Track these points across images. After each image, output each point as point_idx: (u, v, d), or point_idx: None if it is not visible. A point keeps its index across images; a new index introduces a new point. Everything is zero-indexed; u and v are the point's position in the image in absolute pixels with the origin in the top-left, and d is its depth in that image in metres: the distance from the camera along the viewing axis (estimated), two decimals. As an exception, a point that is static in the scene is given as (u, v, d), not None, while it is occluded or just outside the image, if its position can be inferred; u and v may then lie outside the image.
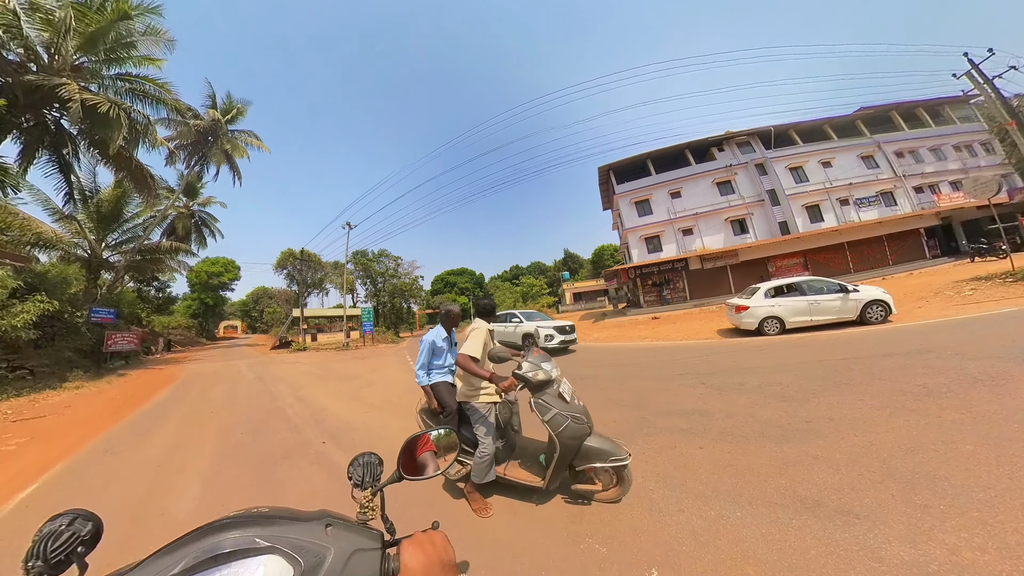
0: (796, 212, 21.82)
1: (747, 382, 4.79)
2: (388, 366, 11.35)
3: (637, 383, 5.71)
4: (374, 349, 20.07)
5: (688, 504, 2.19)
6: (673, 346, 9.56)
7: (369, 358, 14.24)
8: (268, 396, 7.32)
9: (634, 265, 23.85)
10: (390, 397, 6.29)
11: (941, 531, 1.71)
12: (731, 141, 23.93)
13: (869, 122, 23.84)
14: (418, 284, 46.19)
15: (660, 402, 4.41)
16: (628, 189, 25.03)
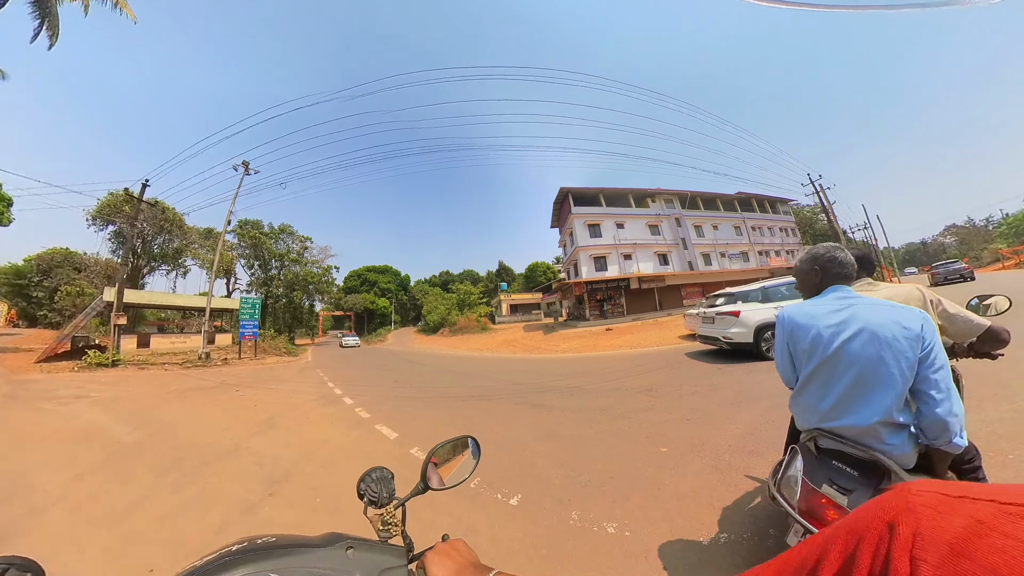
0: (697, 257, 28.04)
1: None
2: (311, 419, 5.23)
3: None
4: (258, 368, 11.97)
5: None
6: (665, 350, 9.61)
7: (253, 389, 7.77)
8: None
9: (587, 280, 24.97)
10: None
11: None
12: (660, 197, 29.24)
13: (742, 203, 32.54)
14: (330, 276, 35.24)
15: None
16: (584, 212, 26.79)
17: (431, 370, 10.60)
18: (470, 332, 28.40)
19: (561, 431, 3.78)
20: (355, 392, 7.36)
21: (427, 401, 6.41)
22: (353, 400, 6.57)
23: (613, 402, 4.75)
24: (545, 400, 5.48)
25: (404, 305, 59.76)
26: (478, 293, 39.39)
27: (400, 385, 8.19)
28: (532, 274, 54.43)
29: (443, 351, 17.80)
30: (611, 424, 3.76)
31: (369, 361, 14.31)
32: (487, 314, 36.27)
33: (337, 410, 5.84)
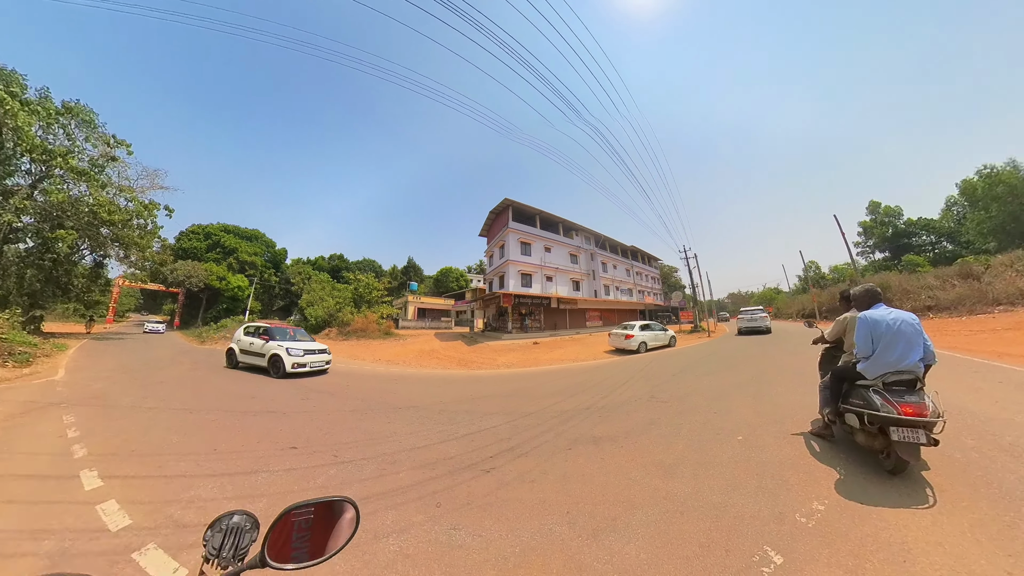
0: (601, 287, 31.43)
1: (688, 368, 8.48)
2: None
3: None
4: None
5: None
6: (606, 363, 11.28)
7: None
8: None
9: (515, 293, 25.14)
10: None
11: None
12: (582, 232, 31.74)
13: (632, 253, 38.73)
14: (151, 221, 19.87)
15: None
16: (520, 228, 26.01)
17: (356, 405, 5.60)
18: (370, 336, 22.43)
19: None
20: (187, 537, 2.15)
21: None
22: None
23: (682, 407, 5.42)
24: (609, 432, 4.13)
25: (270, 289, 42.73)
26: (382, 289, 33.45)
27: (328, 469, 3.21)
28: (444, 279, 49.57)
29: (343, 363, 12.22)
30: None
31: (209, 382, 7.60)
32: (392, 315, 29.91)
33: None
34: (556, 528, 2.14)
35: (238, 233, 42.90)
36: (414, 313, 36.77)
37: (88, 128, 17.62)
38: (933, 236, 36.07)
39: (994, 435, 3.17)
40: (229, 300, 35.10)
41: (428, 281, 52.27)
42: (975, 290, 14.51)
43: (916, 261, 31.52)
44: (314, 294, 29.89)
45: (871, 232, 39.80)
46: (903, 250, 36.46)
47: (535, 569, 1.78)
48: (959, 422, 3.45)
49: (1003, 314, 11.87)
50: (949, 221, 34.10)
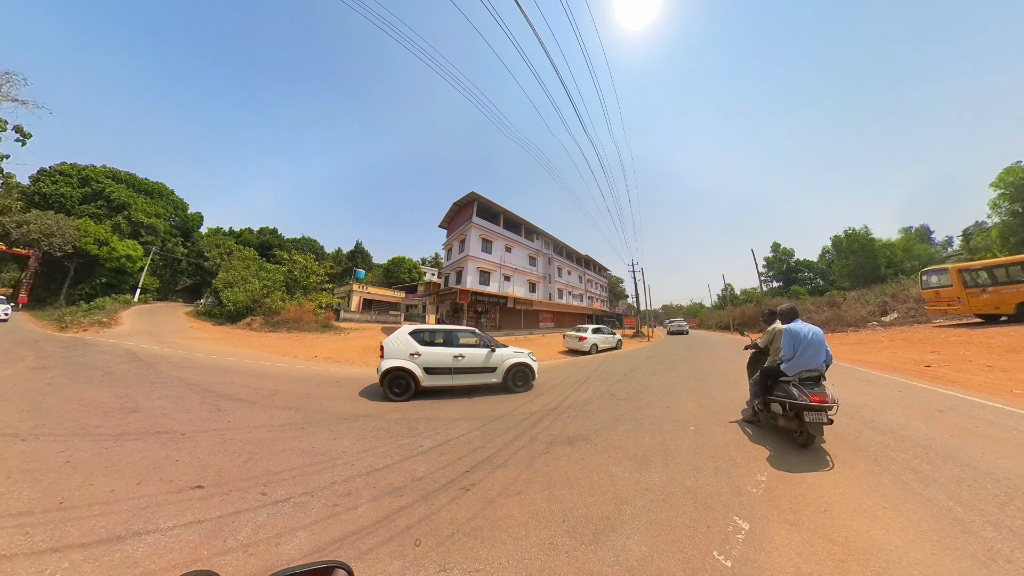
0: (555, 291, 32.35)
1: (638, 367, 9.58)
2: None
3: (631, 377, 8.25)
4: None
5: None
6: (562, 363, 11.42)
7: None
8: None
9: (472, 290, 24.35)
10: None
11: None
12: (542, 236, 32.46)
13: (586, 261, 40.87)
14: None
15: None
16: (483, 225, 25.31)
17: (289, 418, 4.39)
18: (304, 329, 19.06)
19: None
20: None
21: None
22: None
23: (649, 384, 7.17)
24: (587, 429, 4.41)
25: (174, 263, 34.07)
26: (322, 274, 29.39)
27: (255, 515, 2.27)
28: (395, 268, 46.34)
29: (269, 361, 10.23)
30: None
31: (63, 388, 5.75)
32: (331, 306, 26.19)
33: None
34: (557, 540, 2.09)
35: (134, 184, 32.01)
36: (359, 304, 33.50)
37: None
38: (812, 273, 46.92)
39: (861, 416, 4.26)
40: (112, 273, 26.00)
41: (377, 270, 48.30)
42: (836, 315, 19.09)
43: (799, 291, 40.69)
44: (235, 273, 25.16)
45: (772, 265, 50.40)
46: (792, 281, 47.06)
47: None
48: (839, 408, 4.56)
49: (853, 332, 15.48)
50: (823, 264, 44.43)
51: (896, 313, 17.41)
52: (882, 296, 19.67)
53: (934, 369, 6.79)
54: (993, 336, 8.92)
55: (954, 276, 12.09)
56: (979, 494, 2.47)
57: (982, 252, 25.18)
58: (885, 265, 30.49)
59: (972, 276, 11.95)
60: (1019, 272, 11.31)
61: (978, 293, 11.70)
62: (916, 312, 16.01)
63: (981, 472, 2.77)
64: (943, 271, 12.78)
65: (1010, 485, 2.56)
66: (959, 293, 11.95)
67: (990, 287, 11.59)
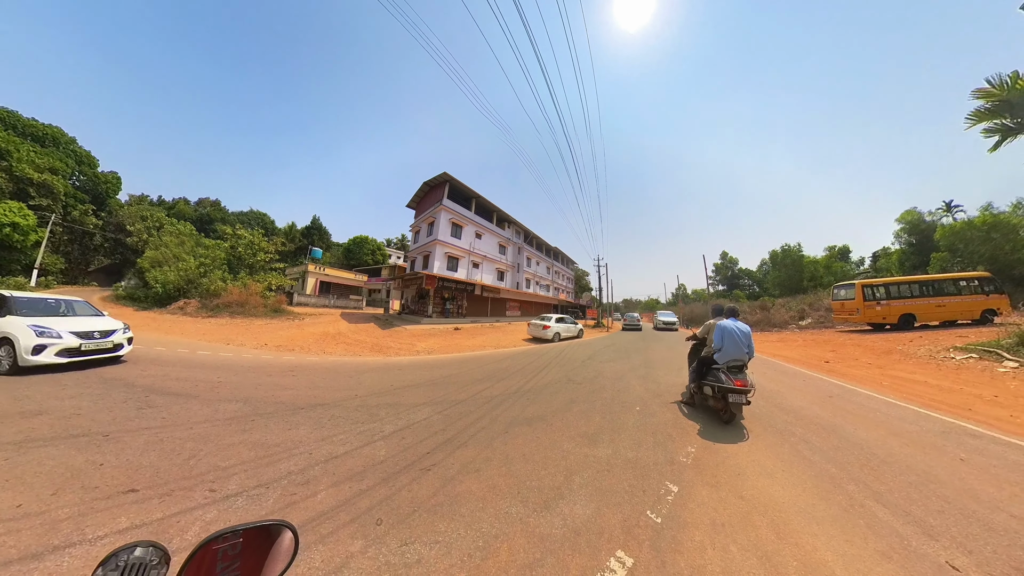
0: (523, 280, 32.73)
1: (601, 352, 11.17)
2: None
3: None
4: None
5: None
6: (525, 350, 11.87)
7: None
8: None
9: (439, 275, 24.81)
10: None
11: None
12: (514, 225, 32.45)
13: (554, 253, 41.63)
14: None
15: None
16: (453, 208, 24.50)
17: (236, 410, 3.98)
18: (251, 314, 17.24)
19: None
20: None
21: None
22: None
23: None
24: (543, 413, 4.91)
25: (84, 238, 27.81)
26: (271, 251, 26.46)
27: (204, 513, 2.07)
28: (356, 249, 43.45)
29: (209, 351, 9.36)
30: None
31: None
32: (282, 288, 24.09)
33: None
34: (512, 509, 2.28)
35: (15, 126, 24.06)
36: (315, 287, 31.40)
37: None
38: (750, 280, 54.44)
39: (772, 399, 5.25)
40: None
41: (337, 250, 44.89)
42: (766, 317, 22.74)
43: (739, 295, 48.09)
44: (166, 250, 22.08)
45: (720, 271, 57.48)
46: (734, 286, 54.69)
47: (503, 554, 1.87)
48: (756, 392, 5.39)
49: (776, 332, 18.84)
50: (760, 273, 51.49)
51: (810, 319, 21.16)
52: (802, 304, 23.74)
53: (831, 364, 8.38)
54: (876, 341, 11.23)
55: (858, 290, 14.48)
56: (848, 458, 3.17)
57: (884, 272, 30.93)
58: (808, 278, 35.98)
59: (872, 291, 14.37)
60: (906, 290, 13.96)
61: (873, 305, 14.14)
62: (825, 319, 19.35)
63: (852, 443, 3.54)
64: (851, 286, 15.19)
65: (869, 452, 3.32)
66: (859, 305, 14.35)
67: (883, 301, 14.05)
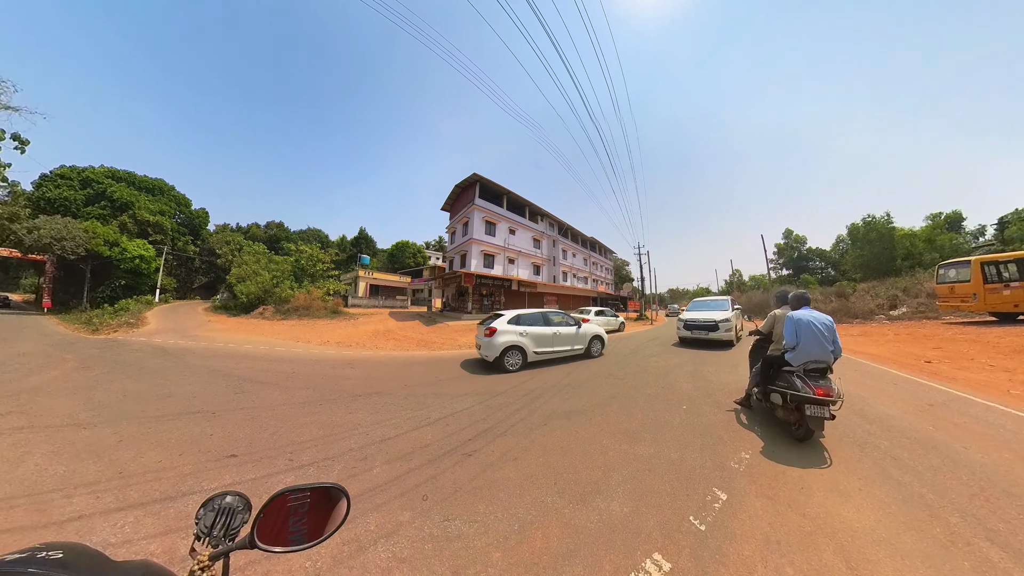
0: (560, 273, 32.40)
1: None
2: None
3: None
4: None
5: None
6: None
7: None
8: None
9: (477, 273, 23.73)
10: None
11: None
12: (547, 217, 32.22)
13: (591, 243, 40.46)
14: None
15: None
16: (485, 207, 25.08)
17: (307, 396, 4.64)
18: (314, 315, 19.83)
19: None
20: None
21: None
22: None
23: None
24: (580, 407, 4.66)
25: (187, 262, 34.81)
26: (328, 262, 30.09)
27: (284, 477, 2.58)
28: (399, 254, 46.09)
29: (284, 347, 10.49)
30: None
31: (105, 383, 6.22)
32: (338, 292, 27.20)
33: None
34: (547, 499, 2.29)
35: (134, 182, 31.92)
36: (366, 290, 34.21)
37: None
38: (823, 263, 45.34)
39: (852, 404, 4.30)
40: (128, 275, 25.98)
41: (382, 255, 48.68)
42: (844, 306, 18.40)
43: (809, 280, 39.30)
44: (246, 267, 25.95)
45: (783, 253, 48.74)
46: (802, 270, 45.85)
47: (537, 540, 1.91)
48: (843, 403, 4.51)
49: (858, 324, 15.18)
50: (835, 253, 42.44)
51: (905, 308, 16.99)
52: (893, 289, 19.01)
53: (934, 365, 6.67)
54: (1003, 336, 8.51)
55: (975, 269, 11.18)
56: (952, 484, 2.50)
57: (1015, 244, 22.96)
58: (903, 256, 28.52)
59: (996, 269, 10.95)
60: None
61: (999, 289, 10.74)
62: (926, 308, 15.53)
63: (959, 464, 2.78)
64: (963, 264, 11.77)
65: (983, 478, 2.57)
66: (977, 288, 11.04)
67: (1014, 282, 10.52)
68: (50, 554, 0.46)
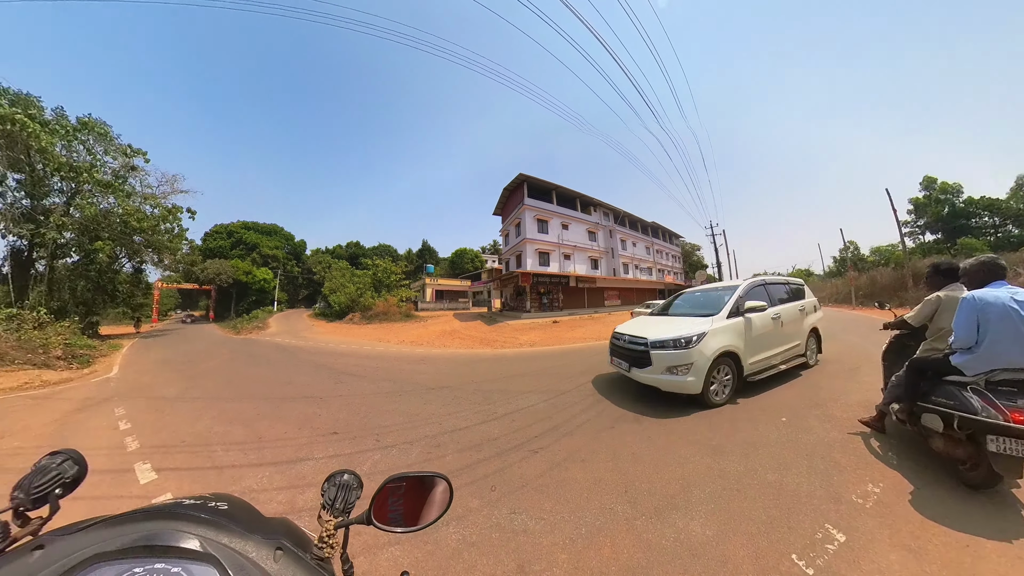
0: (620, 265, 30.20)
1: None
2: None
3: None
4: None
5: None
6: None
7: None
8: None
9: (533, 272, 23.66)
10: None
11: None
12: (600, 208, 30.61)
13: (653, 229, 37.08)
14: (176, 225, 19.73)
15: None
16: (535, 205, 25.06)
17: (389, 388, 5.29)
18: (391, 319, 23.10)
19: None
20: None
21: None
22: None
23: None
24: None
25: (294, 280, 44.61)
26: (399, 273, 33.98)
27: (372, 455, 3.08)
28: (458, 260, 49.06)
29: (369, 346, 11.94)
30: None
31: (254, 371, 7.37)
32: (410, 299, 30.35)
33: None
34: (617, 507, 2.13)
35: (257, 229, 44.41)
36: (432, 295, 37.25)
37: (105, 141, 18.00)
38: (997, 218, 30.55)
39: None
40: (257, 292, 36.99)
41: (443, 263, 52.61)
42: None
43: (973, 245, 26.85)
44: (335, 281, 30.88)
45: (924, 210, 33.71)
46: (959, 232, 31.05)
47: (605, 549, 1.78)
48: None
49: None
50: (1018, 202, 28.96)
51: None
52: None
53: None
54: None
55: None
56: None
57: None
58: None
59: None
60: None
61: None
62: None
63: None
64: None
65: None
66: None
67: None
68: (218, 504, 0.54)
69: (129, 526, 0.42)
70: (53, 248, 15.91)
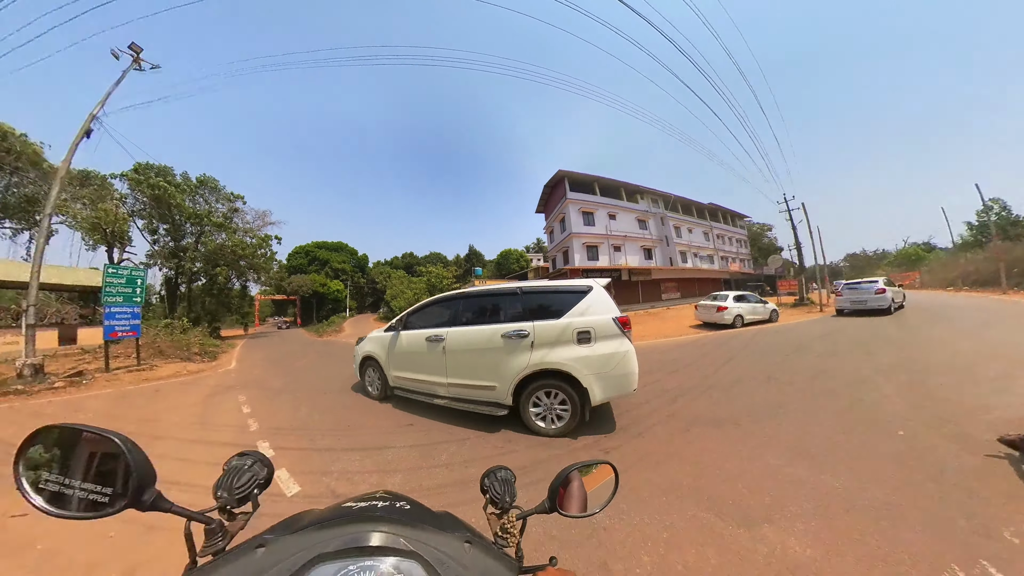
0: (676, 254, 27.69)
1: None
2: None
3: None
4: (129, 394, 5.91)
5: None
6: (697, 338, 10.22)
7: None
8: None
9: (582, 268, 23.05)
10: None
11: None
12: (648, 195, 28.76)
13: (711, 213, 33.47)
14: (269, 250, 25.26)
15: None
16: (578, 198, 24.37)
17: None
18: None
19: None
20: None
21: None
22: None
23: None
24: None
25: (361, 289, 51.23)
26: (451, 277, 36.16)
27: (448, 447, 3.21)
28: (504, 261, 50.79)
29: None
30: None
31: (334, 369, 8.16)
32: None
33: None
34: (700, 514, 2.00)
35: (327, 247, 51.66)
36: (480, 298, 39.43)
37: (216, 192, 24.89)
38: None
39: None
40: (332, 301, 43.89)
41: (490, 265, 54.29)
42: None
43: None
44: (395, 289, 33.86)
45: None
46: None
47: (690, 555, 1.69)
48: None
49: None
50: None
51: None
52: None
53: None
54: None
55: None
56: None
57: None
58: None
59: None
60: None
61: None
62: None
63: None
64: None
65: None
66: None
67: None
68: (403, 504, 0.58)
69: (337, 529, 0.46)
70: (190, 275, 22.24)
